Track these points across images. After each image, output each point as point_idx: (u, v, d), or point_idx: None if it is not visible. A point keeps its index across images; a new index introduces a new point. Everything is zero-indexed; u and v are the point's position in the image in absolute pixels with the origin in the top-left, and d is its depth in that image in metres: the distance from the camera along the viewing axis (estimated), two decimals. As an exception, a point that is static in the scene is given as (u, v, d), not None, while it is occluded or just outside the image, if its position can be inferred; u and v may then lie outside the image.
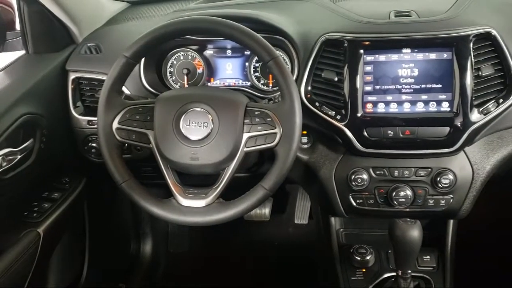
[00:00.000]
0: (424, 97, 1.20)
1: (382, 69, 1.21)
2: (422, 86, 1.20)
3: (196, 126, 1.11)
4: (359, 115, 1.21)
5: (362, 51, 1.21)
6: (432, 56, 1.19)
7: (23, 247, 1.25)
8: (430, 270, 1.36)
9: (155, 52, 1.44)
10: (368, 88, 1.22)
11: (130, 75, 1.18)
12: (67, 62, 1.43)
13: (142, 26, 1.38)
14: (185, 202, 1.12)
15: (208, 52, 1.47)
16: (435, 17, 1.25)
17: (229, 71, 1.47)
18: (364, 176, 1.27)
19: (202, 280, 2.06)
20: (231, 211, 1.10)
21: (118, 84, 1.16)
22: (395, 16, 1.28)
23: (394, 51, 1.20)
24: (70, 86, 1.43)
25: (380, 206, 1.29)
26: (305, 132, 1.34)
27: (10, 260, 1.20)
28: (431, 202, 1.26)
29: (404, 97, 1.21)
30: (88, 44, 1.46)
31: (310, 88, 1.25)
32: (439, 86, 1.19)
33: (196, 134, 1.11)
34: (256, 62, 1.45)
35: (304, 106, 1.22)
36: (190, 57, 1.48)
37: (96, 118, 1.16)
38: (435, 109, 1.19)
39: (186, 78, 1.46)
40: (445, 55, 1.18)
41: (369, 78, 1.22)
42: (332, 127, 1.24)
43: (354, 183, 1.27)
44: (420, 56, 1.19)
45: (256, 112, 1.11)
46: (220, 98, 1.14)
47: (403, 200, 1.25)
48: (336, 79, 1.22)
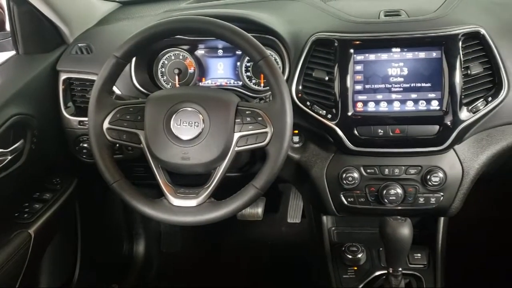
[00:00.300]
0: (414, 96, 1.20)
1: (372, 68, 1.22)
2: (412, 85, 1.20)
3: (187, 126, 1.11)
4: (349, 114, 1.22)
5: (352, 50, 1.21)
6: (422, 55, 1.20)
7: (14, 248, 1.25)
8: (421, 267, 1.37)
9: (146, 52, 1.43)
10: (358, 87, 1.22)
11: (121, 75, 1.18)
12: (57, 63, 1.43)
13: (133, 26, 1.38)
14: (176, 202, 1.12)
15: (200, 52, 1.48)
16: (424, 16, 1.25)
17: (220, 71, 1.48)
18: (355, 174, 1.27)
19: (195, 280, 2.06)
20: (222, 210, 1.11)
21: (109, 84, 1.16)
22: (385, 15, 1.29)
23: (384, 50, 1.21)
24: (61, 87, 1.42)
25: (371, 204, 1.30)
26: (296, 131, 1.35)
27: (1, 261, 1.20)
28: (421, 200, 1.27)
29: (394, 96, 1.21)
30: (79, 45, 1.45)
31: (301, 87, 1.25)
32: (429, 85, 1.19)
33: (187, 134, 1.11)
34: (247, 62, 1.45)
35: (295, 106, 1.22)
36: (181, 57, 1.48)
37: (87, 119, 1.16)
38: (425, 107, 1.20)
39: (177, 78, 1.46)
40: (434, 54, 1.19)
41: (359, 77, 1.22)
42: (323, 126, 1.24)
43: (345, 182, 1.28)
44: (409, 55, 1.20)
45: (247, 112, 1.12)
46: (211, 98, 1.14)
47: (394, 198, 1.25)
48: (326, 78, 1.23)
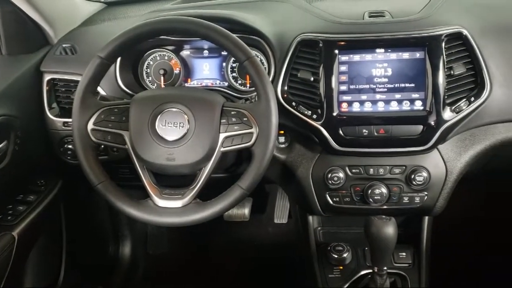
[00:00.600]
0: (398, 96, 1.22)
1: (357, 69, 1.23)
2: (396, 85, 1.21)
3: (172, 127, 1.10)
4: (334, 114, 1.22)
5: (337, 51, 1.22)
6: (405, 55, 1.21)
7: (-3, 250, 1.24)
8: (406, 266, 1.38)
9: (131, 53, 1.43)
10: (343, 87, 1.23)
11: (106, 75, 1.18)
12: (41, 63, 1.41)
13: (118, 27, 1.37)
14: (161, 202, 1.11)
15: (185, 53, 1.47)
16: (408, 17, 1.27)
17: (206, 71, 1.47)
18: (340, 174, 1.28)
19: (181, 282, 2.05)
20: (208, 211, 1.11)
21: (93, 85, 1.15)
22: (369, 16, 1.30)
23: (368, 51, 1.22)
24: (45, 88, 1.41)
25: (356, 204, 1.31)
26: (282, 131, 1.35)
27: (-16, 264, 1.19)
28: (406, 199, 1.28)
29: (378, 96, 1.22)
30: (63, 45, 1.44)
31: (286, 88, 1.26)
32: (412, 85, 1.21)
33: (172, 135, 1.10)
34: (233, 63, 1.45)
35: (280, 106, 1.23)
36: (166, 57, 1.47)
37: (71, 120, 1.15)
38: (409, 108, 1.21)
39: (162, 78, 1.46)
40: (417, 55, 1.20)
41: (344, 78, 1.23)
42: (309, 126, 1.25)
43: (330, 182, 1.29)
44: (393, 55, 1.21)
45: (233, 112, 1.12)
46: (196, 98, 1.14)
47: (379, 197, 1.27)
48: (312, 79, 1.23)
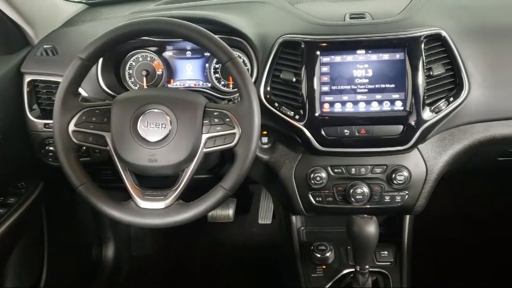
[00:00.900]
0: (378, 96, 1.23)
1: (338, 70, 1.24)
2: (376, 86, 1.23)
3: (154, 128, 1.10)
4: (316, 115, 1.23)
5: (318, 52, 1.23)
6: (386, 56, 1.22)
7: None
8: (388, 265, 1.39)
9: (113, 54, 1.42)
10: (325, 88, 1.24)
11: (88, 77, 1.18)
12: (22, 64, 1.40)
13: (100, 28, 1.36)
14: (143, 204, 1.11)
15: (168, 54, 1.47)
16: (388, 19, 1.28)
17: (189, 72, 1.47)
18: (323, 174, 1.29)
19: (166, 283, 2.04)
20: (191, 212, 1.11)
21: (74, 86, 1.14)
22: (350, 18, 1.31)
23: (349, 52, 1.23)
24: (26, 89, 1.40)
25: (338, 203, 1.32)
26: (265, 132, 1.36)
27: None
28: (387, 198, 1.30)
29: (359, 97, 1.24)
30: (44, 46, 1.43)
31: (269, 88, 1.26)
32: (393, 85, 1.22)
33: (154, 136, 1.10)
34: (216, 64, 1.45)
35: (263, 107, 1.24)
36: (149, 58, 1.47)
37: (52, 121, 1.14)
38: (389, 108, 1.23)
39: (145, 79, 1.45)
40: (397, 56, 1.22)
41: (325, 79, 1.24)
42: (291, 127, 1.26)
43: (313, 182, 1.30)
44: (374, 57, 1.23)
45: (215, 113, 1.12)
46: (178, 99, 1.14)
47: (360, 197, 1.28)
48: (294, 79, 1.24)
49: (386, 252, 1.40)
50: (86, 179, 1.13)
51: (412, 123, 1.21)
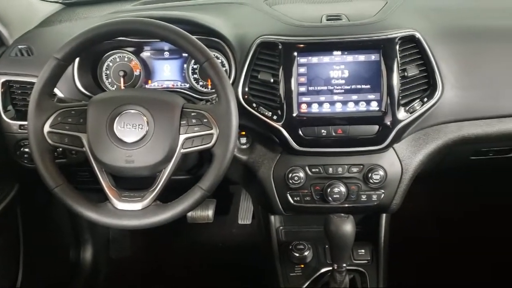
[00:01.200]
0: (355, 97, 1.25)
1: (315, 70, 1.25)
2: (353, 87, 1.24)
3: (131, 128, 1.10)
4: (294, 115, 1.24)
5: (295, 53, 1.24)
6: (361, 58, 1.24)
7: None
8: (365, 263, 1.41)
9: (90, 54, 1.41)
10: (302, 89, 1.25)
11: (64, 77, 1.17)
12: None
13: (77, 28, 1.35)
14: (120, 205, 1.11)
15: (145, 54, 1.46)
16: (364, 20, 1.30)
17: (167, 73, 1.47)
18: (301, 174, 1.31)
19: (146, 286, 2.03)
20: (168, 213, 1.11)
21: (49, 86, 1.13)
22: (327, 19, 1.33)
23: (326, 53, 1.24)
24: (0, 90, 1.37)
25: (316, 202, 1.33)
26: (243, 132, 1.36)
27: None
28: (363, 197, 1.32)
29: (336, 97, 1.25)
30: (19, 46, 1.41)
31: (247, 89, 1.27)
32: (368, 86, 1.24)
33: (131, 136, 1.10)
34: (194, 64, 1.45)
35: (241, 107, 1.24)
36: (126, 59, 1.46)
37: (27, 122, 1.13)
38: (365, 108, 1.25)
39: (122, 80, 1.45)
40: (373, 57, 1.24)
41: (303, 80, 1.25)
42: (269, 127, 1.27)
43: (291, 181, 1.31)
44: (350, 58, 1.24)
45: (193, 114, 1.12)
46: (155, 100, 1.14)
47: (338, 196, 1.30)
48: (272, 80, 1.25)
49: (363, 251, 1.42)
50: (61, 181, 1.12)
51: (388, 123, 1.23)
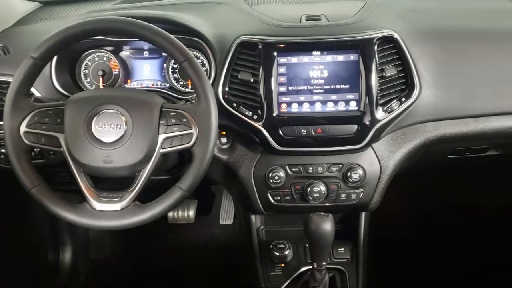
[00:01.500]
0: (334, 97, 1.26)
1: (295, 70, 1.25)
2: (332, 87, 1.25)
3: (109, 128, 1.09)
4: (274, 115, 1.25)
5: (275, 53, 1.25)
6: (340, 58, 1.25)
7: None
8: (345, 261, 1.42)
9: (68, 53, 1.39)
10: (282, 89, 1.26)
11: (42, 76, 1.16)
12: None
13: (55, 27, 1.33)
14: (99, 206, 1.10)
15: (125, 53, 1.45)
16: (343, 21, 1.31)
17: (146, 72, 1.46)
18: (281, 173, 1.31)
19: (126, 286, 2.01)
20: (147, 213, 1.10)
21: (26, 86, 1.11)
22: (306, 20, 1.33)
23: (305, 53, 1.25)
24: None
25: (296, 202, 1.34)
26: (224, 132, 1.37)
27: None
28: (343, 196, 1.33)
29: (315, 97, 1.26)
30: (-4, 45, 1.39)
31: (227, 89, 1.27)
32: (347, 86, 1.25)
33: (109, 136, 1.09)
34: (174, 64, 1.45)
35: (221, 107, 1.24)
36: (105, 58, 1.45)
37: (3, 122, 1.11)
38: (344, 108, 1.26)
39: (101, 79, 1.43)
40: (352, 57, 1.25)
41: (282, 79, 1.26)
42: (250, 127, 1.27)
43: (271, 181, 1.32)
44: (329, 58, 1.25)
45: (172, 113, 1.12)
46: (134, 99, 1.13)
47: (317, 195, 1.31)
48: (252, 80, 1.25)
49: (342, 249, 1.43)
50: (38, 182, 1.11)
51: (366, 122, 1.24)
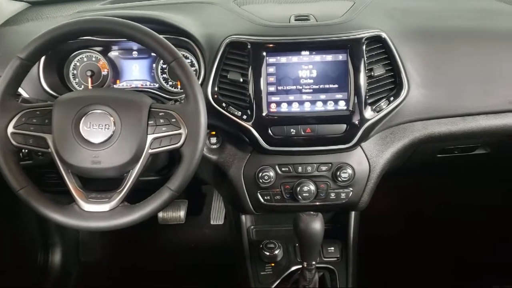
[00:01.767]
0: (323, 96, 1.26)
1: (284, 70, 1.26)
2: (321, 86, 1.26)
3: (97, 129, 1.08)
4: (264, 114, 1.25)
5: (264, 53, 1.25)
6: (329, 58, 1.25)
7: None
8: (334, 260, 1.43)
9: (56, 53, 1.38)
10: (271, 88, 1.26)
11: (29, 77, 1.14)
12: None
13: (43, 27, 1.31)
14: (87, 207, 1.09)
15: (113, 54, 1.45)
16: (331, 21, 1.31)
17: (135, 72, 1.46)
18: (271, 173, 1.32)
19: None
20: (136, 214, 1.09)
21: (13, 86, 1.10)
22: (295, 19, 1.34)
23: (294, 53, 1.25)
24: None
25: (286, 201, 1.34)
26: (213, 132, 1.36)
27: None
28: (332, 195, 1.34)
29: (304, 97, 1.26)
30: (-18, 46, 1.38)
31: (216, 89, 1.27)
32: (336, 86, 1.26)
33: (97, 137, 1.08)
34: (163, 64, 1.44)
35: (211, 107, 1.24)
36: (94, 58, 1.44)
37: None
38: (333, 107, 1.26)
39: (90, 80, 1.42)
40: (340, 57, 1.25)
41: (272, 79, 1.26)
42: (239, 126, 1.27)
43: (261, 181, 1.32)
44: (317, 58, 1.25)
45: (161, 113, 1.11)
46: (122, 100, 1.13)
47: (307, 194, 1.31)
48: (241, 80, 1.25)
49: (332, 248, 1.44)
50: (26, 183, 1.10)
51: (355, 122, 1.25)
